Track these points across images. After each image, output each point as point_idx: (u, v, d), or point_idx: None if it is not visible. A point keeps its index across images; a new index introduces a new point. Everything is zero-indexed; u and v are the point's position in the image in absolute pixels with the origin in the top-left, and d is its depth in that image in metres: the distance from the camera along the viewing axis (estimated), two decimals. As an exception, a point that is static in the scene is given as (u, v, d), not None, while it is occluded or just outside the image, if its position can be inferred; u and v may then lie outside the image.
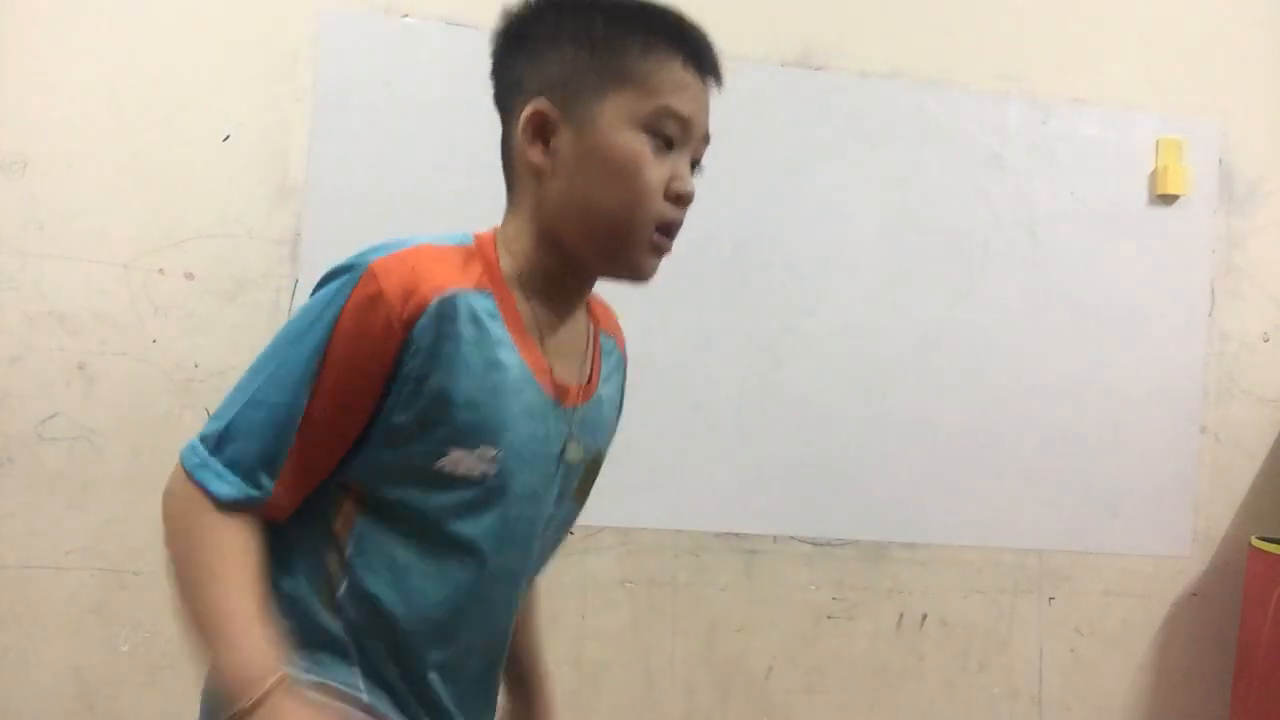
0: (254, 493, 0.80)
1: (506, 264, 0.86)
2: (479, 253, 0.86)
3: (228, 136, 1.96)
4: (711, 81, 0.87)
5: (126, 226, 1.92)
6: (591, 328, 0.96)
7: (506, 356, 0.83)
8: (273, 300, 1.96)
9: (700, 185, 0.90)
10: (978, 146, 2.20)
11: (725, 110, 0.94)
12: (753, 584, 2.10)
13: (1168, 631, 2.31)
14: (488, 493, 0.83)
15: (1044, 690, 2.26)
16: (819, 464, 2.13)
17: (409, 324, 0.79)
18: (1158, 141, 2.27)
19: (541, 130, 0.85)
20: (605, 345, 0.98)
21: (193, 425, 1.92)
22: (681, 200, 0.86)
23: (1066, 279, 2.23)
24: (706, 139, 0.89)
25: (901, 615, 2.19)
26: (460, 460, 0.81)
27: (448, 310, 0.80)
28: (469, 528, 0.84)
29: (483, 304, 0.83)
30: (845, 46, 2.15)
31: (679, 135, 0.85)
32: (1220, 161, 2.30)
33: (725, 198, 2.07)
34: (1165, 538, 2.29)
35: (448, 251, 0.84)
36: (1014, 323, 2.21)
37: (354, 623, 0.84)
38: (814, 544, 2.14)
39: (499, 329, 0.83)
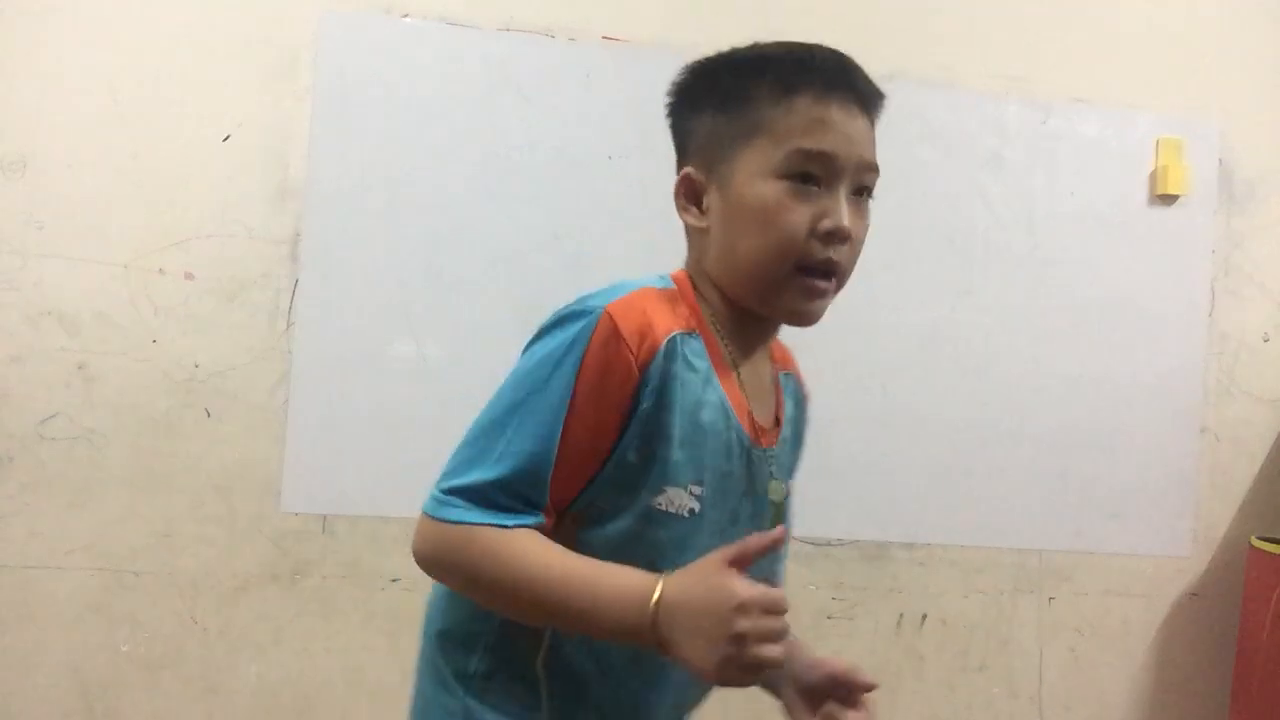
0: (533, 519, 0.81)
1: (703, 307, 0.90)
2: (682, 295, 0.89)
3: (228, 136, 1.96)
4: (857, 106, 0.89)
5: (126, 226, 1.92)
6: (772, 369, 0.98)
7: (712, 396, 0.86)
8: (273, 300, 1.96)
9: None
10: (978, 146, 2.20)
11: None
12: (753, 584, 2.10)
13: (1168, 631, 2.31)
14: (689, 529, 0.85)
15: (1044, 690, 2.26)
16: (819, 464, 2.11)
17: (644, 364, 0.81)
18: (1157, 141, 2.27)
19: (691, 193, 0.90)
20: (785, 385, 1.00)
21: (193, 425, 1.93)
22: (832, 237, 0.84)
23: (1066, 279, 2.23)
24: (869, 167, 0.89)
25: (901, 615, 2.19)
26: (674, 497, 0.84)
27: (672, 351, 0.83)
28: (670, 563, 0.82)
29: (693, 345, 0.86)
30: (845, 46, 2.14)
31: (823, 173, 0.85)
32: (1220, 161, 2.30)
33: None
34: (1165, 538, 2.29)
35: (660, 294, 0.87)
36: (1014, 323, 2.21)
37: (553, 675, 0.86)
38: (814, 544, 2.14)
39: (707, 369, 0.86)
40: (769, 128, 0.85)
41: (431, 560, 0.83)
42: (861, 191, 0.89)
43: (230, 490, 1.95)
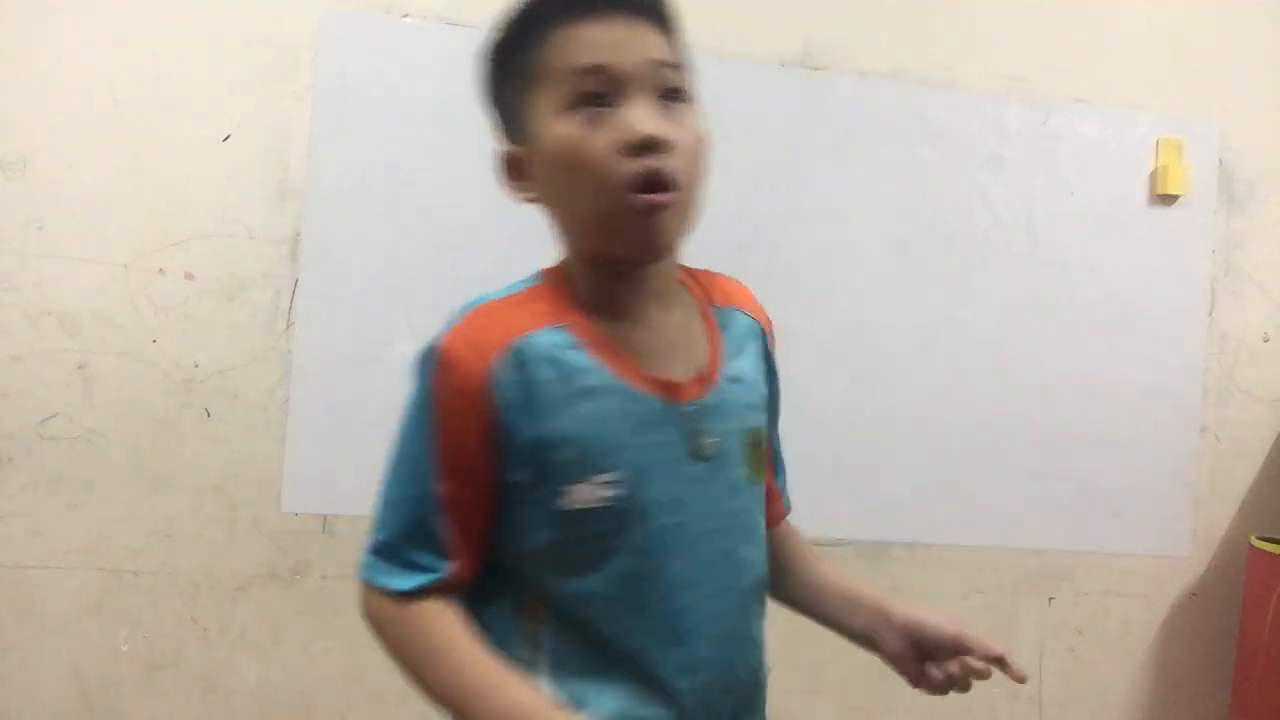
0: (431, 576, 0.81)
1: (578, 290, 0.85)
2: (547, 289, 0.86)
3: (228, 136, 1.96)
4: (621, 14, 0.79)
5: (126, 226, 1.92)
6: (700, 309, 0.90)
7: (596, 381, 0.81)
8: (273, 300, 1.96)
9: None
10: (978, 146, 2.20)
11: (725, 110, 0.91)
12: (753, 584, 2.10)
13: (1168, 631, 2.31)
14: (622, 516, 0.81)
15: (1044, 690, 2.26)
16: (819, 464, 2.13)
17: (488, 388, 0.79)
18: (1157, 141, 2.27)
19: (511, 169, 0.87)
20: (725, 319, 0.91)
21: (193, 425, 1.93)
22: (640, 147, 0.77)
23: (1066, 279, 2.23)
24: (663, 65, 0.80)
25: (901, 615, 2.19)
26: (580, 494, 0.80)
27: (521, 359, 0.80)
28: (623, 556, 0.81)
29: (557, 339, 0.82)
30: (845, 46, 2.15)
31: (609, 88, 0.78)
32: (1220, 161, 2.30)
33: (725, 198, 2.06)
34: (1165, 538, 2.29)
35: (506, 302, 0.85)
36: (1014, 323, 2.21)
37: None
38: (814, 544, 2.13)
39: (580, 357, 0.81)
40: (543, 72, 0.80)
41: (371, 626, 0.84)
42: (671, 95, 0.81)
43: (230, 490, 1.95)
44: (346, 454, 1.97)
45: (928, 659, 0.93)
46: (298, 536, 1.97)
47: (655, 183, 0.77)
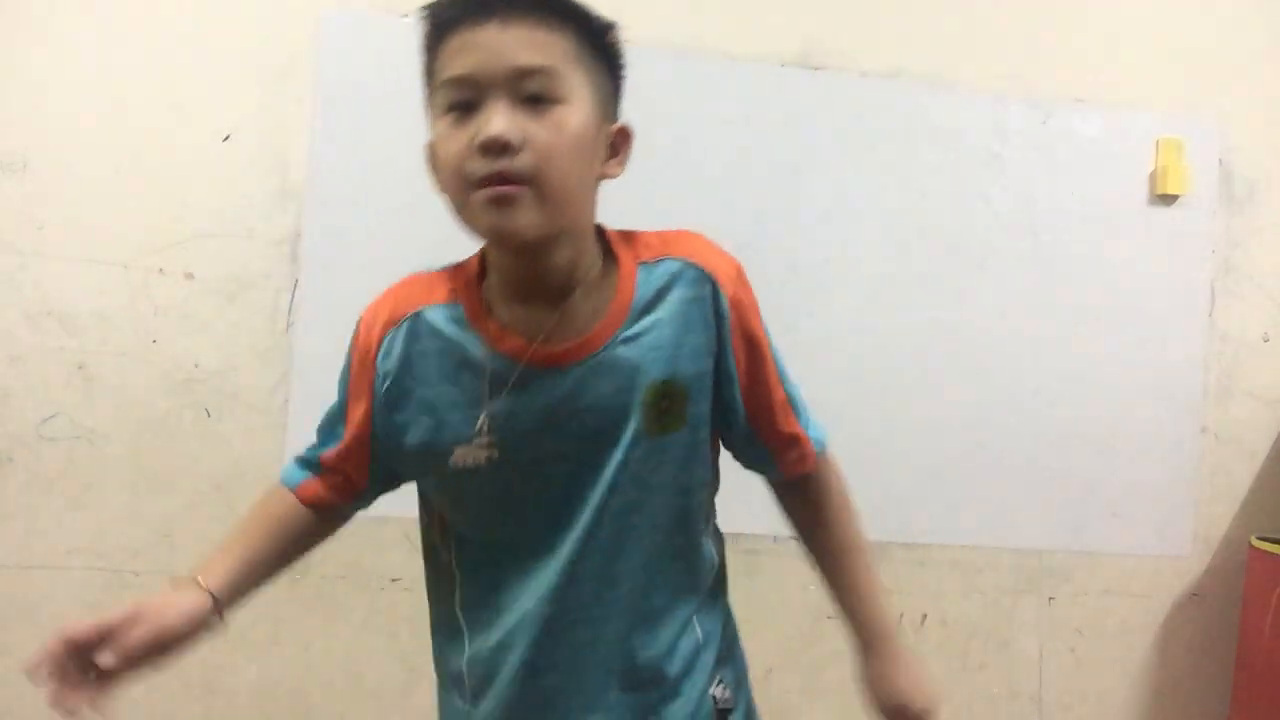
0: (299, 472, 1.02)
1: (491, 266, 0.94)
2: (461, 268, 0.97)
3: (228, 136, 1.96)
4: (494, 21, 0.84)
5: (126, 226, 1.92)
6: (619, 277, 0.94)
7: (476, 351, 0.91)
8: (273, 300, 1.96)
9: (700, 185, 0.88)
10: (978, 146, 2.20)
11: (725, 110, 0.95)
12: (753, 584, 2.10)
13: (1168, 631, 2.31)
14: (495, 473, 0.90)
15: (1044, 690, 2.26)
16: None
17: (375, 355, 0.95)
18: (1157, 141, 2.27)
19: (429, 162, 0.94)
20: (646, 274, 0.95)
21: (193, 425, 1.93)
22: (485, 148, 0.82)
23: (1066, 279, 2.23)
24: (519, 72, 0.84)
25: (901, 615, 2.19)
26: (464, 454, 0.90)
27: (413, 329, 0.94)
28: (497, 514, 0.93)
29: (450, 313, 0.93)
30: (845, 46, 2.15)
31: (470, 94, 0.85)
32: (1220, 161, 2.30)
33: (725, 198, 2.07)
34: (1165, 538, 2.29)
35: (421, 278, 0.98)
36: (1014, 323, 2.21)
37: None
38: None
39: (463, 332, 0.92)
40: (433, 80, 0.89)
41: None
42: (536, 101, 0.84)
43: (230, 490, 1.95)
44: (346, 454, 1.97)
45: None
46: (298, 536, 1.97)
47: (499, 179, 0.83)
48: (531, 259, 0.89)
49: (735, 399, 0.98)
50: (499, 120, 0.83)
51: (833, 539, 1.09)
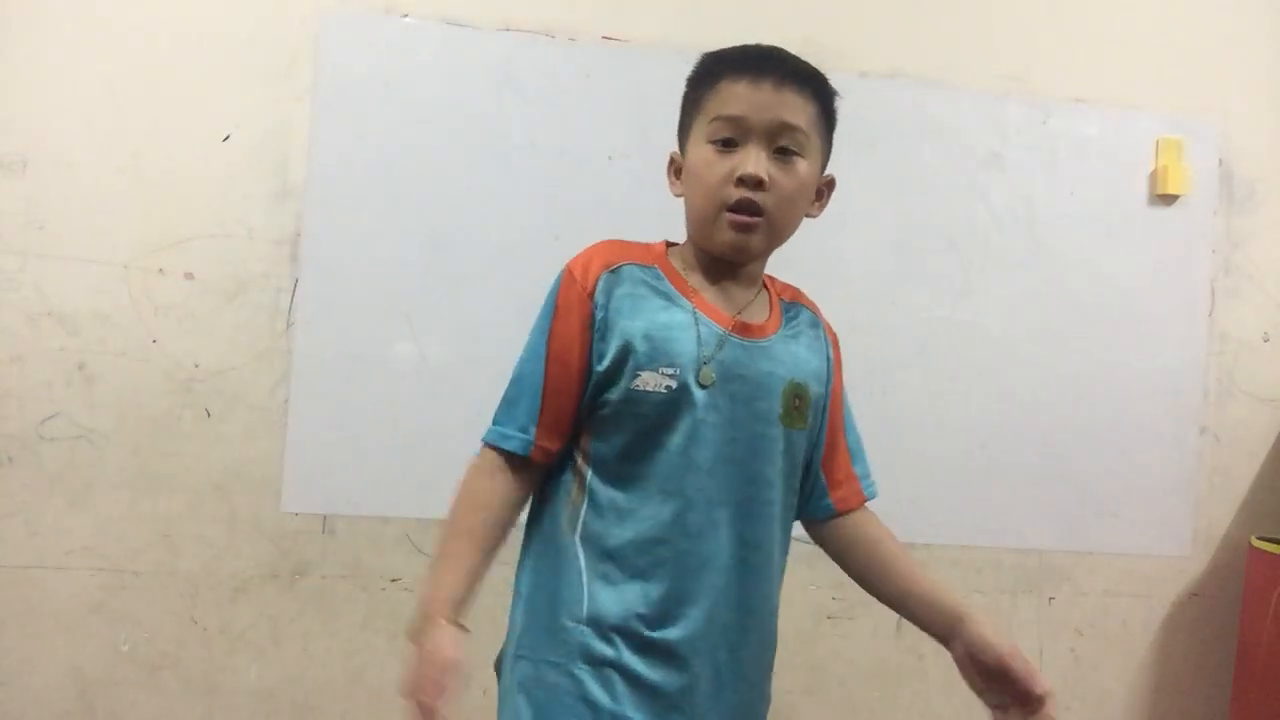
0: (526, 437, 1.07)
1: (675, 253, 1.15)
2: (659, 248, 1.14)
3: (228, 136, 1.96)
4: (770, 81, 1.05)
5: (126, 226, 1.92)
6: (771, 297, 1.17)
7: (678, 303, 1.08)
8: (273, 300, 1.97)
9: None
10: (978, 146, 2.20)
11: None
12: (753, 584, 2.10)
13: (1168, 631, 2.31)
14: (673, 404, 1.04)
15: (1044, 690, 2.26)
16: (819, 464, 2.12)
17: (591, 291, 1.07)
18: (1157, 141, 2.27)
19: (673, 170, 1.16)
20: (791, 310, 1.18)
21: (193, 425, 1.93)
22: (744, 181, 1.04)
23: (1066, 279, 2.23)
24: (781, 127, 1.05)
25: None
26: (648, 380, 1.04)
27: (618, 277, 1.08)
28: (666, 437, 1.04)
29: (649, 273, 1.10)
30: (845, 46, 2.15)
31: (737, 133, 1.06)
32: (1220, 161, 2.30)
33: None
34: (1165, 538, 2.29)
35: (625, 243, 1.13)
36: (1014, 323, 2.21)
37: (584, 532, 1.07)
38: (815, 544, 2.14)
39: (666, 288, 1.09)
40: (702, 108, 1.09)
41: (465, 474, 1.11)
42: (784, 151, 1.07)
43: (230, 490, 1.95)
44: (346, 454, 1.98)
45: (984, 674, 1.13)
46: (298, 536, 1.97)
47: (745, 208, 1.06)
48: (735, 268, 1.12)
49: (823, 432, 1.18)
50: (759, 162, 1.05)
51: (892, 550, 1.24)
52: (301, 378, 1.97)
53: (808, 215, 1.14)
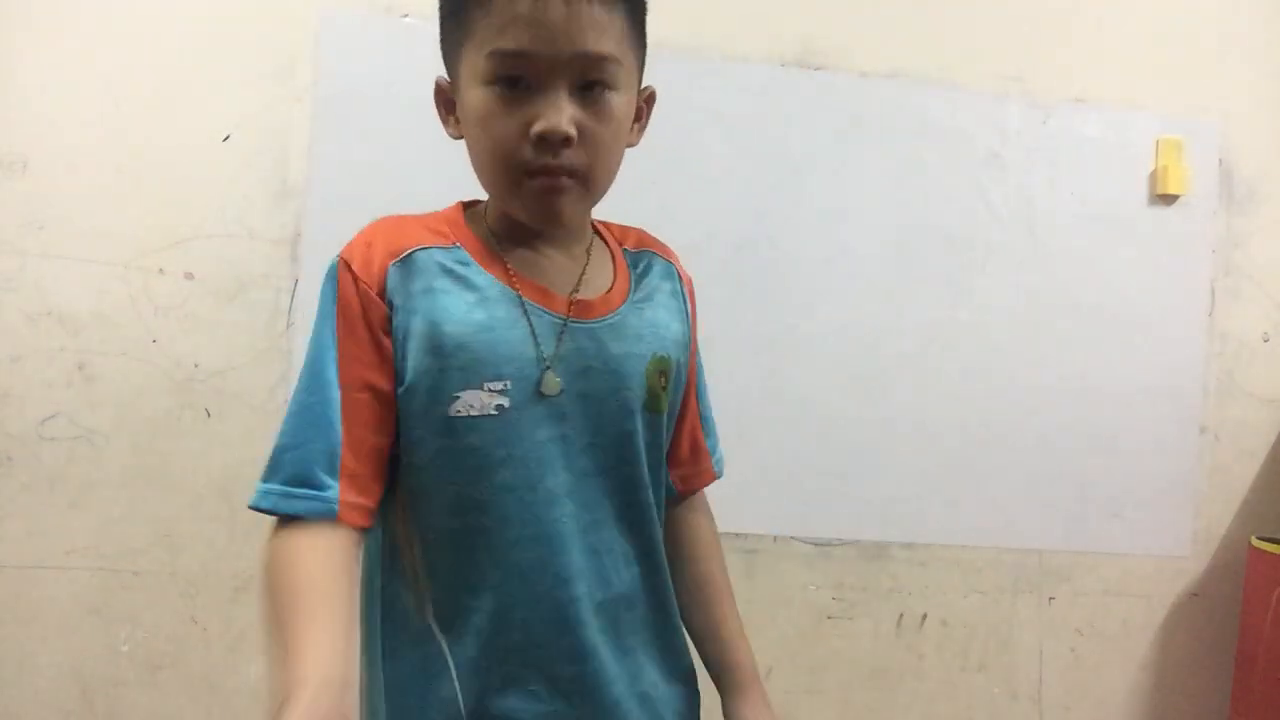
0: (324, 495, 0.79)
1: (475, 218, 0.91)
2: (455, 215, 0.92)
3: (228, 136, 1.96)
4: None
5: (126, 226, 1.92)
6: (610, 249, 0.96)
7: (492, 292, 0.84)
8: (273, 300, 1.96)
9: (699, 185, 0.89)
10: (978, 146, 2.20)
11: (725, 110, 0.96)
12: (753, 584, 2.10)
13: (1168, 631, 2.31)
14: (509, 428, 0.82)
15: (1044, 690, 2.26)
16: (819, 464, 2.13)
17: (380, 289, 0.83)
18: (1158, 141, 2.27)
19: (444, 103, 0.90)
20: (635, 260, 0.96)
21: (192, 425, 1.93)
22: (544, 141, 0.79)
23: (1066, 279, 2.23)
24: (592, 59, 0.79)
25: (901, 615, 2.19)
26: (470, 400, 0.81)
27: (410, 266, 0.84)
28: (507, 473, 0.82)
29: (450, 255, 0.86)
30: (845, 46, 2.15)
31: (529, 73, 0.79)
32: (1220, 161, 2.30)
33: (725, 198, 2.07)
34: (1165, 538, 2.29)
35: (407, 219, 0.90)
36: (1014, 323, 2.21)
37: (438, 613, 0.85)
38: (814, 544, 2.14)
39: (476, 274, 0.85)
40: (472, 31, 0.81)
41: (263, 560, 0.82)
42: (594, 86, 0.81)
43: (230, 490, 1.95)
44: (346, 454, 1.97)
45: None
46: (298, 536, 1.97)
47: (552, 171, 0.81)
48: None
49: (678, 403, 0.95)
50: (561, 110, 0.79)
51: (712, 572, 1.00)
52: (301, 378, 1.96)
53: (629, 145, 0.91)
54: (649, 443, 0.90)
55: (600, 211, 0.98)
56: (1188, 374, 2.28)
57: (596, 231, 0.96)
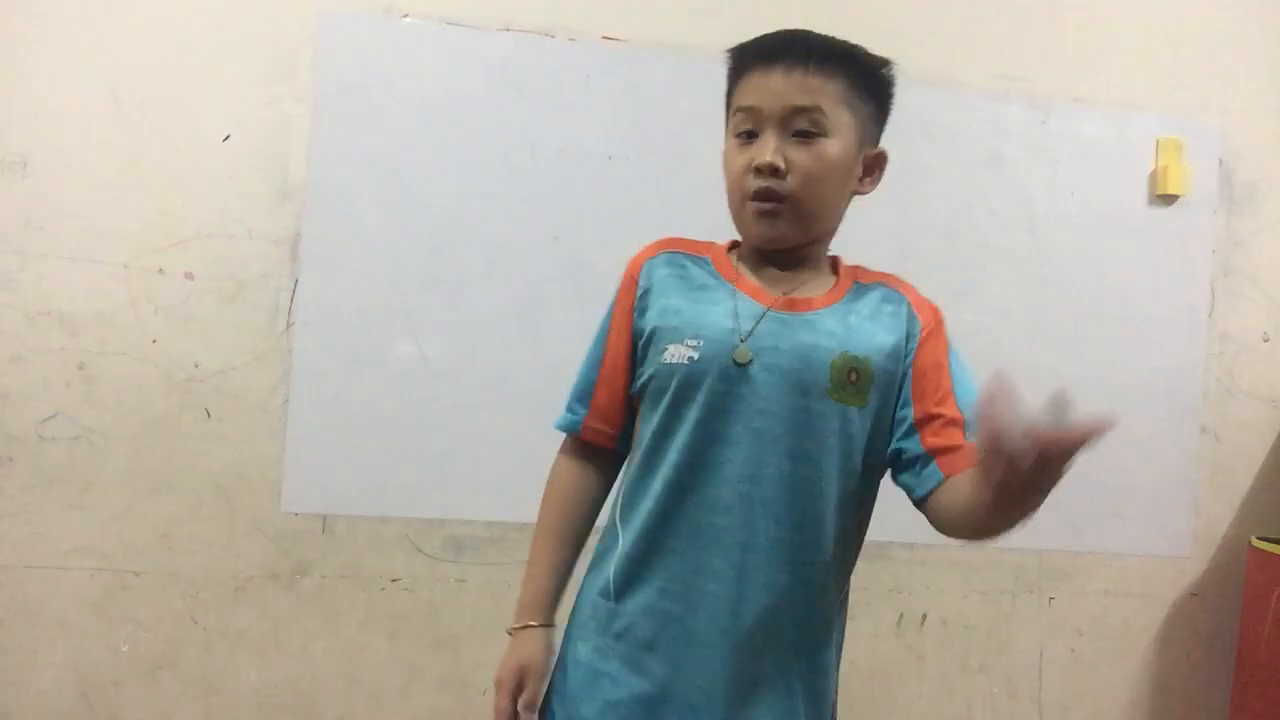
0: (575, 416, 1.15)
1: (734, 250, 1.16)
2: (714, 243, 1.18)
3: (228, 136, 1.96)
4: (780, 67, 1.06)
5: (126, 226, 1.92)
6: (840, 279, 1.15)
7: (717, 285, 1.10)
8: (273, 300, 1.97)
9: (699, 185, 0.93)
10: (978, 146, 2.20)
11: (723, 110, 1.01)
12: (753, 584, 2.10)
13: (1168, 631, 2.31)
14: (695, 376, 1.04)
15: (1044, 690, 2.26)
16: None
17: (636, 275, 1.13)
18: (1157, 142, 2.27)
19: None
20: (860, 291, 1.15)
21: (193, 425, 1.94)
22: (759, 170, 1.05)
23: (1066, 279, 2.23)
24: (793, 111, 1.05)
25: (901, 615, 2.19)
26: (674, 352, 1.06)
27: (663, 259, 1.14)
28: (689, 410, 1.05)
29: (698, 260, 1.14)
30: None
31: (754, 123, 1.07)
32: (1220, 162, 2.30)
33: (725, 197, 2.07)
34: (1165, 538, 2.29)
35: (687, 239, 1.17)
36: (1014, 323, 2.21)
37: (622, 513, 1.12)
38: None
39: (710, 273, 1.12)
40: (730, 102, 1.12)
41: None
42: (805, 134, 1.05)
43: (230, 490, 1.95)
44: (346, 454, 1.98)
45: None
46: (297, 536, 1.97)
47: (765, 196, 1.06)
48: (783, 257, 1.12)
49: (901, 409, 1.11)
50: (773, 148, 1.05)
51: (976, 492, 1.05)
52: (301, 378, 1.97)
53: (858, 193, 1.13)
54: (837, 429, 1.06)
55: (600, 211, 0.98)
56: (1188, 374, 2.28)
57: (834, 269, 1.17)
